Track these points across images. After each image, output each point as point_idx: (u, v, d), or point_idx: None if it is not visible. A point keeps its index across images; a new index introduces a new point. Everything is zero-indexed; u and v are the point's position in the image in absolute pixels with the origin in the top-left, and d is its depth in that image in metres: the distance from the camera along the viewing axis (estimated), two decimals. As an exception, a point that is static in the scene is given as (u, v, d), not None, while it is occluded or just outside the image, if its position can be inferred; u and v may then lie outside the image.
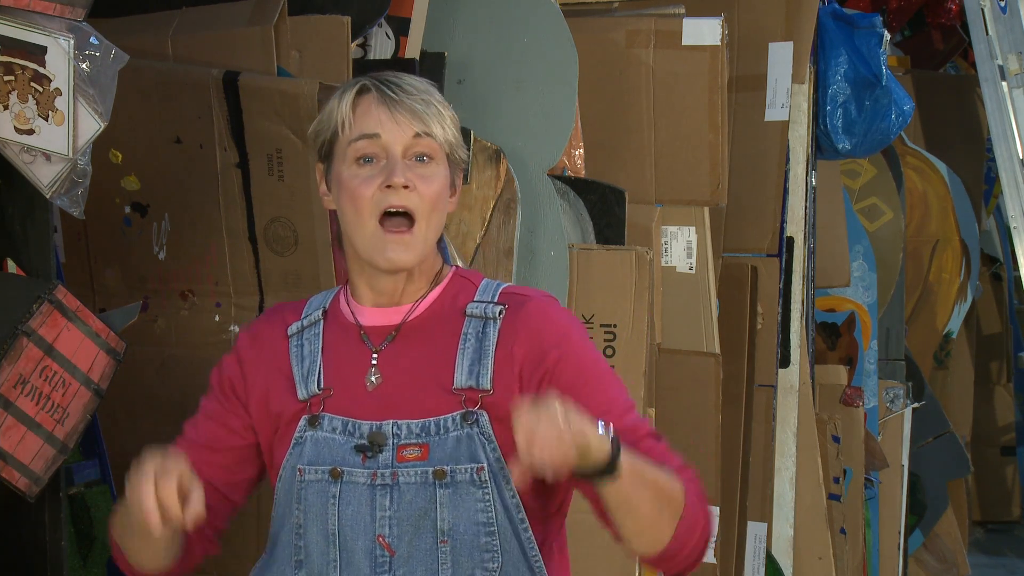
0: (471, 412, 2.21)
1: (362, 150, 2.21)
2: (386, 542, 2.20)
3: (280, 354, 2.29)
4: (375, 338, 2.26)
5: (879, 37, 4.90)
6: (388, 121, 2.21)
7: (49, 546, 2.86)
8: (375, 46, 3.65)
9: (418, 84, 2.25)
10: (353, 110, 2.23)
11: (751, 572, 4.68)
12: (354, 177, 2.21)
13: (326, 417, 2.23)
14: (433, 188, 2.21)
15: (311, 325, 2.29)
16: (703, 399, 4.31)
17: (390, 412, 2.22)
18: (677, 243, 4.35)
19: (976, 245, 6.96)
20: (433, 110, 2.22)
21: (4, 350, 2.65)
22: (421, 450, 2.20)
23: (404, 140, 2.21)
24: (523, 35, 3.77)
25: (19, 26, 2.60)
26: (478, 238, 3.61)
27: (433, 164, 2.22)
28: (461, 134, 2.29)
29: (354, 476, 2.20)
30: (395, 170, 2.19)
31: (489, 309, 2.24)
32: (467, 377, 2.22)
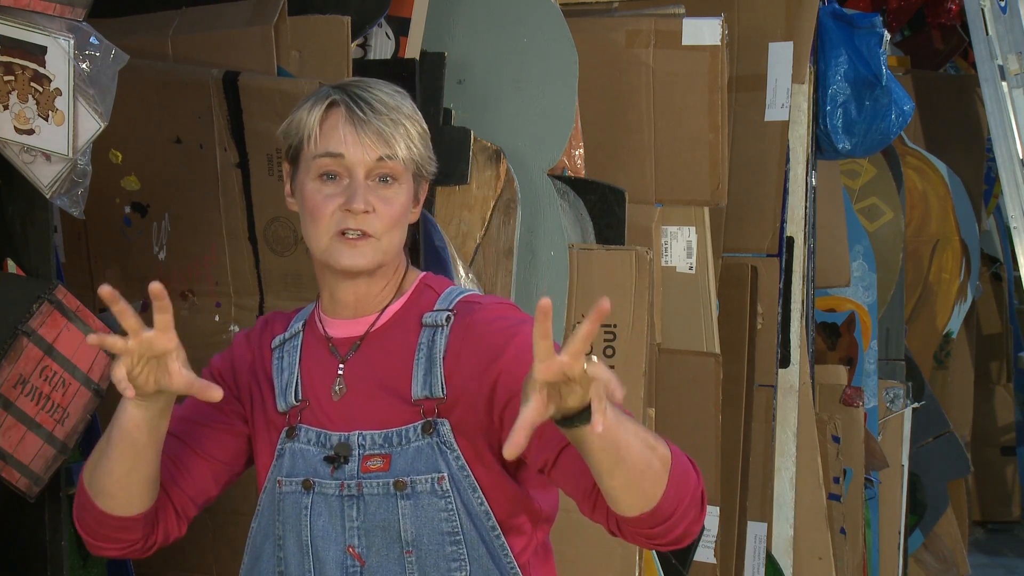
0: (431, 421, 2.20)
1: (325, 167, 2.21)
2: (356, 552, 2.21)
3: (266, 365, 2.32)
4: (342, 348, 2.27)
5: (879, 37, 4.89)
6: (353, 142, 2.20)
7: (49, 546, 2.86)
8: (375, 46, 3.64)
9: (387, 99, 2.22)
10: (320, 125, 2.22)
11: (751, 572, 4.67)
12: (316, 192, 2.21)
13: (302, 428, 2.25)
14: (392, 210, 2.21)
15: (291, 337, 2.31)
16: (703, 399, 4.31)
17: (355, 423, 2.23)
18: (677, 243, 4.35)
19: (976, 245, 6.96)
20: (401, 130, 2.20)
21: (4, 350, 2.65)
22: (384, 460, 2.20)
23: (368, 163, 2.20)
24: (523, 35, 3.77)
25: (19, 26, 2.59)
26: (478, 238, 3.61)
27: (395, 185, 2.22)
28: (430, 144, 2.27)
29: (324, 487, 2.22)
30: (355, 195, 2.18)
31: (439, 317, 2.23)
32: (422, 387, 2.21)
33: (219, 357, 2.37)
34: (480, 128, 3.66)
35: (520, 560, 2.24)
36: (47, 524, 2.86)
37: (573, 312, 3.74)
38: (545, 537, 2.31)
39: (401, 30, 3.64)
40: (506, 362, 2.15)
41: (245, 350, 2.35)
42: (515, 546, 2.24)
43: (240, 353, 2.35)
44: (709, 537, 4.33)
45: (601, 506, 2.14)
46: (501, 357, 2.16)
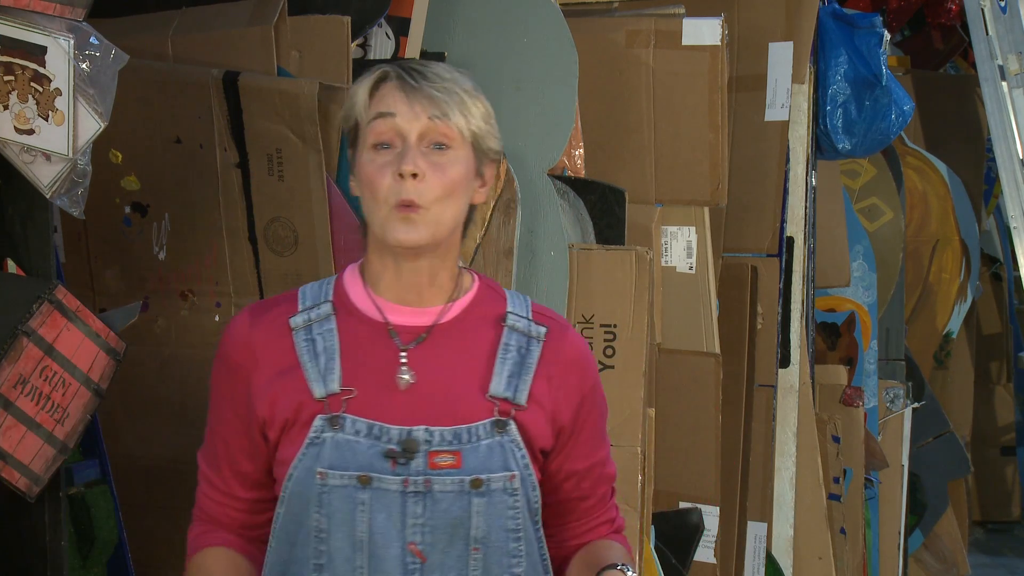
0: (502, 420, 2.21)
1: (378, 133, 2.19)
2: (418, 549, 2.18)
3: (284, 350, 2.23)
4: (404, 336, 2.23)
5: (879, 37, 4.89)
6: (403, 105, 2.17)
7: (49, 546, 2.86)
8: (375, 46, 3.64)
9: (443, 73, 2.20)
10: (370, 96, 2.20)
11: (751, 572, 4.67)
12: (370, 163, 2.19)
13: (348, 419, 2.18)
14: (447, 176, 2.18)
15: (322, 319, 2.23)
16: (703, 399, 4.31)
17: (420, 416, 2.19)
18: (677, 243, 4.35)
19: (976, 245, 6.96)
20: (455, 99, 2.18)
21: (4, 350, 2.65)
22: (454, 457, 2.19)
23: (419, 125, 2.17)
24: (523, 35, 3.76)
25: (19, 26, 2.59)
26: (478, 238, 3.61)
27: (450, 152, 2.19)
28: (493, 124, 2.24)
29: (384, 483, 2.17)
30: (406, 157, 2.16)
31: (533, 328, 2.26)
32: (504, 387, 2.23)
33: (234, 349, 2.27)
34: (480, 128, 3.65)
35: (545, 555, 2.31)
36: (47, 524, 2.86)
37: (573, 312, 3.74)
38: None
39: (401, 30, 3.64)
40: (587, 407, 2.32)
41: (261, 339, 2.25)
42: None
43: (248, 341, 2.25)
44: (709, 537, 4.33)
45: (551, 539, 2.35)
46: (586, 400, 2.31)
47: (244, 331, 2.26)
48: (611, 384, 3.70)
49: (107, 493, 3.17)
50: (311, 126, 3.26)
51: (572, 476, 2.32)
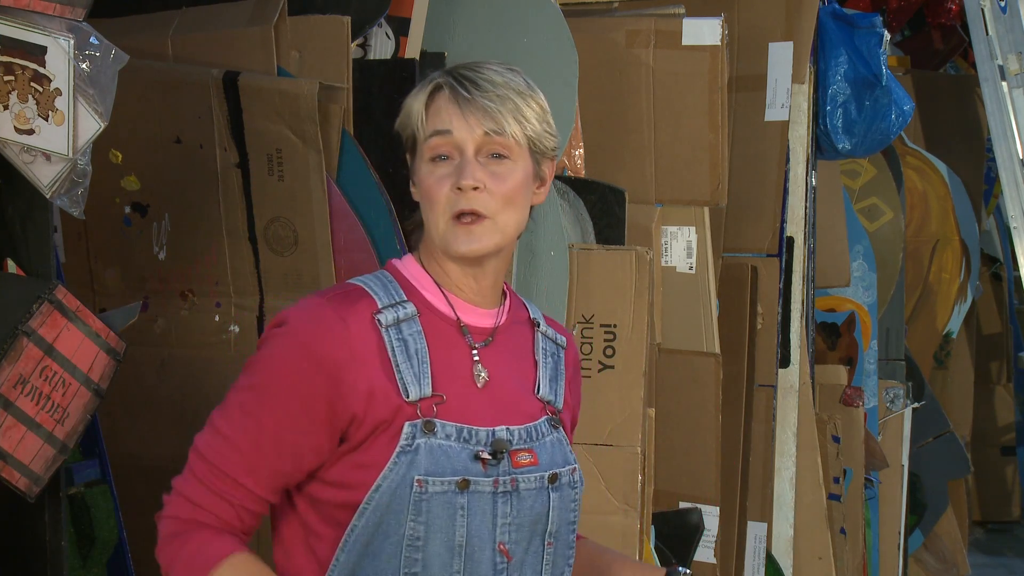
0: (555, 418, 2.27)
1: (436, 148, 2.18)
2: (506, 549, 2.18)
3: (378, 348, 2.16)
4: (475, 335, 2.23)
5: (879, 37, 4.89)
6: (459, 120, 2.17)
7: (49, 546, 2.86)
8: (375, 46, 3.64)
9: (496, 77, 2.19)
10: (426, 109, 2.20)
11: (751, 572, 4.67)
12: (429, 175, 2.19)
13: (438, 423, 2.15)
14: (506, 186, 2.18)
15: (409, 319, 2.19)
16: (703, 399, 4.31)
17: (496, 416, 2.20)
18: (677, 243, 4.35)
19: (976, 245, 6.97)
20: (509, 105, 2.17)
21: (4, 350, 2.65)
22: (531, 455, 2.21)
23: (475, 139, 2.17)
24: (523, 35, 3.76)
25: (19, 26, 2.59)
26: (478, 238, 3.61)
27: (508, 162, 2.18)
28: (549, 121, 2.24)
29: (480, 485, 2.16)
30: (464, 171, 2.16)
31: (558, 337, 2.34)
32: (548, 390, 2.29)
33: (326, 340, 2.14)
34: (480, 128, 3.65)
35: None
36: (47, 524, 2.86)
37: (573, 312, 3.74)
38: None
39: (401, 30, 3.64)
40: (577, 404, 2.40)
41: (356, 332, 2.15)
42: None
43: (355, 332, 2.15)
44: (709, 537, 4.33)
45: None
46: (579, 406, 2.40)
47: (338, 323, 2.15)
48: (611, 384, 3.70)
49: (107, 493, 3.17)
50: (311, 126, 3.26)
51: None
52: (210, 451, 2.16)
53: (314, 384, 2.12)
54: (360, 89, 3.40)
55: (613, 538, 3.66)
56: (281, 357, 2.14)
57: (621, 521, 3.67)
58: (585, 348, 3.74)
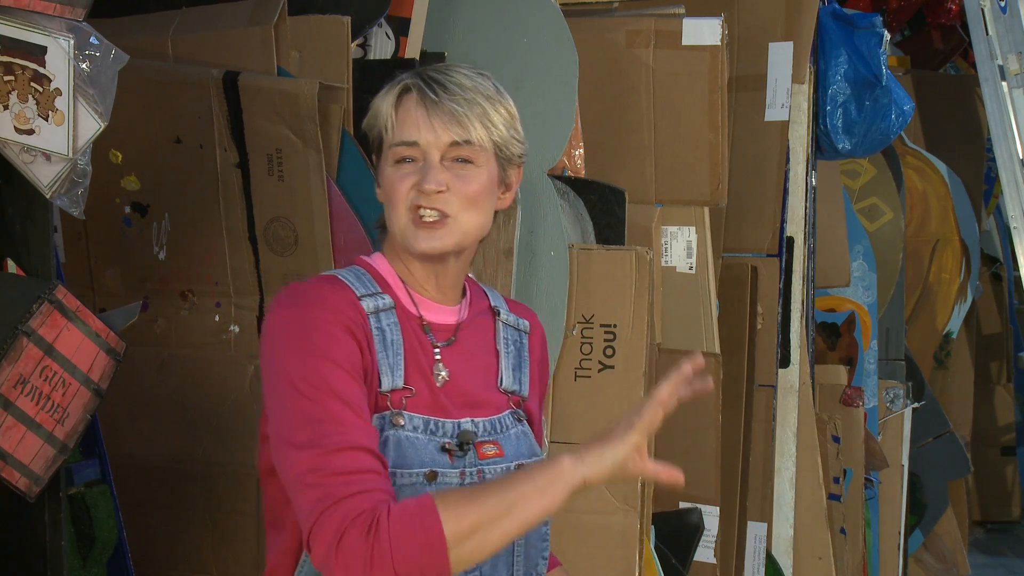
0: (517, 411, 2.29)
1: (401, 154, 2.20)
2: None
3: (365, 326, 2.16)
4: (437, 334, 2.25)
5: (879, 37, 4.89)
6: (425, 126, 2.18)
7: (49, 546, 2.86)
8: (375, 46, 3.64)
9: (465, 81, 2.20)
10: (395, 111, 2.20)
11: (751, 572, 4.67)
12: (393, 175, 2.20)
13: (406, 415, 2.17)
14: (470, 188, 2.19)
15: (387, 310, 2.21)
16: (703, 399, 4.30)
17: (460, 410, 2.22)
18: (677, 243, 4.35)
19: (976, 245, 6.96)
20: (477, 110, 2.18)
21: (4, 350, 2.65)
22: (496, 447, 2.23)
23: (441, 146, 2.18)
24: (523, 35, 3.76)
25: (19, 26, 2.59)
26: (478, 238, 3.61)
27: (472, 166, 2.20)
28: (517, 127, 2.24)
29: (447, 477, 2.17)
30: (428, 175, 2.17)
31: (520, 322, 2.34)
32: (511, 381, 2.30)
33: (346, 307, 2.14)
34: (480, 128, 3.65)
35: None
36: (47, 524, 2.86)
37: (573, 312, 3.74)
38: None
39: (401, 30, 3.64)
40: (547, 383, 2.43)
41: (349, 308, 2.15)
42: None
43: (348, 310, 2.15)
44: (709, 537, 4.33)
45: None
46: (546, 377, 2.43)
47: (333, 293, 2.15)
48: (611, 384, 3.70)
49: (107, 493, 3.17)
50: (311, 126, 3.26)
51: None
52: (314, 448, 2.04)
53: (347, 341, 2.10)
54: (360, 89, 3.40)
55: (613, 538, 3.66)
56: (309, 323, 2.10)
57: (621, 521, 3.67)
58: (585, 348, 3.74)
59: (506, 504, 2.00)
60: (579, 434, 3.70)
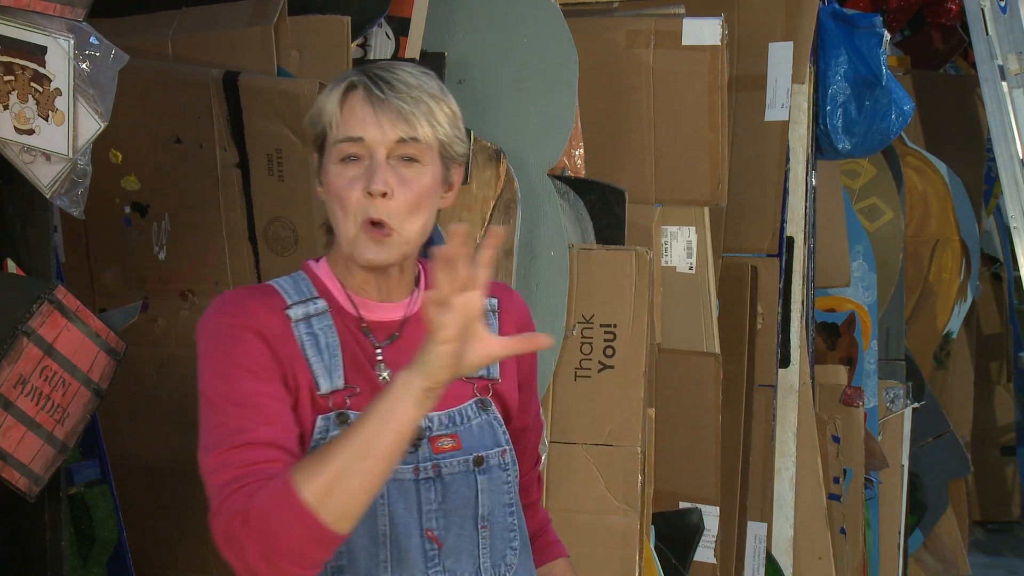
0: (484, 400, 2.27)
1: (346, 151, 2.20)
2: (434, 535, 2.20)
3: (284, 337, 2.18)
4: (378, 334, 2.25)
5: (879, 37, 4.89)
6: (372, 123, 2.18)
7: (49, 546, 2.86)
8: (375, 46, 3.64)
9: (410, 78, 2.20)
10: (340, 108, 2.20)
11: (751, 572, 4.67)
12: (339, 176, 2.20)
13: (352, 414, 2.18)
14: (413, 192, 2.18)
15: (320, 314, 2.22)
16: (703, 399, 4.31)
17: None
18: (677, 243, 4.35)
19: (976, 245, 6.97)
20: (423, 108, 2.19)
21: (4, 350, 2.65)
22: (454, 440, 2.22)
23: (387, 144, 2.18)
24: (523, 35, 3.77)
25: (19, 26, 2.59)
26: (478, 238, 3.61)
27: (418, 165, 2.20)
28: (460, 126, 2.26)
29: (399, 473, 2.18)
30: (375, 175, 2.17)
31: (487, 302, 2.27)
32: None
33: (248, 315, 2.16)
34: (480, 128, 3.66)
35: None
36: (47, 524, 2.86)
37: (573, 312, 3.74)
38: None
39: (401, 30, 3.64)
40: (533, 359, 2.40)
41: (266, 315, 2.18)
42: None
43: (265, 317, 2.17)
44: (709, 537, 4.33)
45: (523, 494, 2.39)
46: (534, 354, 2.38)
47: (253, 305, 2.18)
48: (611, 384, 3.70)
49: (107, 493, 3.17)
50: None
51: (524, 431, 2.39)
52: (215, 432, 2.11)
53: (255, 347, 2.13)
54: (360, 89, 3.40)
55: (613, 538, 3.66)
56: (216, 336, 2.14)
57: (621, 521, 3.67)
58: (585, 348, 3.74)
59: (357, 445, 1.97)
60: (579, 434, 3.70)
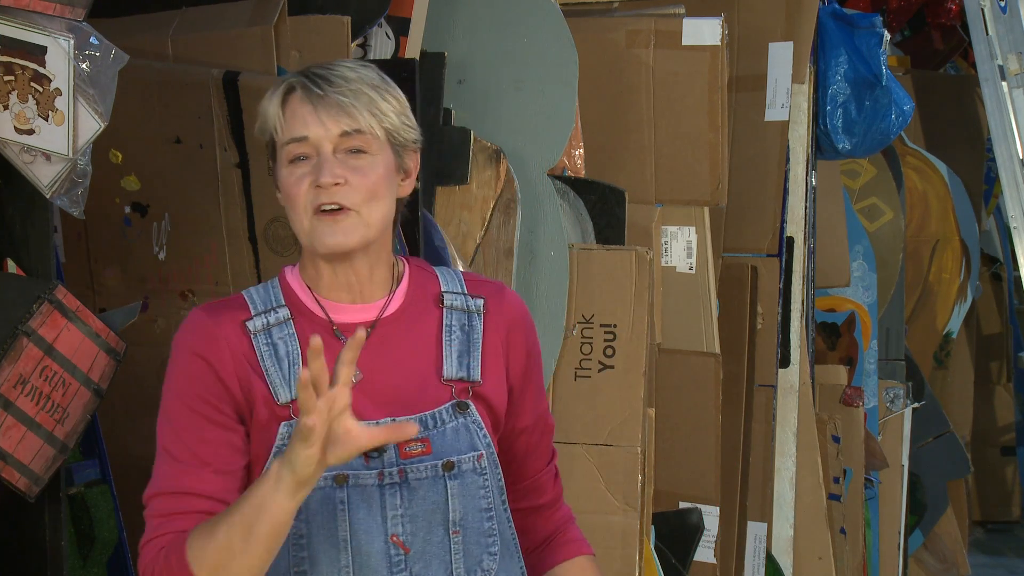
0: (462, 403, 2.23)
1: (294, 152, 2.19)
2: (400, 541, 2.18)
3: (245, 352, 2.20)
4: (350, 334, 2.22)
5: (879, 37, 4.90)
6: (313, 121, 2.17)
7: (49, 546, 2.86)
8: (375, 46, 3.64)
9: (349, 73, 2.18)
10: (282, 111, 2.19)
11: (751, 572, 4.67)
12: (289, 176, 2.19)
13: None
14: (367, 180, 2.17)
15: (280, 323, 2.21)
16: (703, 399, 4.31)
17: (384, 410, 2.19)
18: (677, 243, 4.35)
19: (976, 245, 6.97)
20: (364, 99, 2.17)
21: (4, 350, 2.65)
22: (424, 445, 2.19)
23: (331, 139, 2.17)
24: (523, 35, 3.77)
25: (19, 26, 2.59)
26: (478, 238, 3.61)
27: (367, 156, 2.18)
28: (408, 114, 2.23)
29: (360, 479, 2.17)
30: (323, 169, 2.16)
31: (471, 302, 2.27)
32: (457, 368, 2.24)
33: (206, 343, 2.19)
34: (480, 128, 3.66)
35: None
36: (47, 524, 2.86)
37: (573, 312, 3.74)
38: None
39: (401, 30, 3.64)
40: (532, 361, 2.33)
41: (223, 338, 2.20)
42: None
43: (221, 341, 2.20)
44: (709, 537, 4.33)
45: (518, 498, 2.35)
46: (531, 354, 2.32)
47: (206, 326, 2.20)
48: (611, 384, 3.70)
49: (107, 493, 3.17)
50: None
51: (523, 432, 2.34)
52: (162, 485, 2.18)
53: (205, 380, 2.17)
54: (360, 89, 3.40)
55: (613, 538, 3.66)
56: (172, 371, 2.20)
57: (621, 521, 3.67)
58: (585, 348, 3.74)
59: (239, 529, 2.04)
60: (579, 434, 3.70)
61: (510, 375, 2.29)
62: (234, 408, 2.19)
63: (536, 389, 2.36)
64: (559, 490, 2.45)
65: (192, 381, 2.19)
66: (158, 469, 2.18)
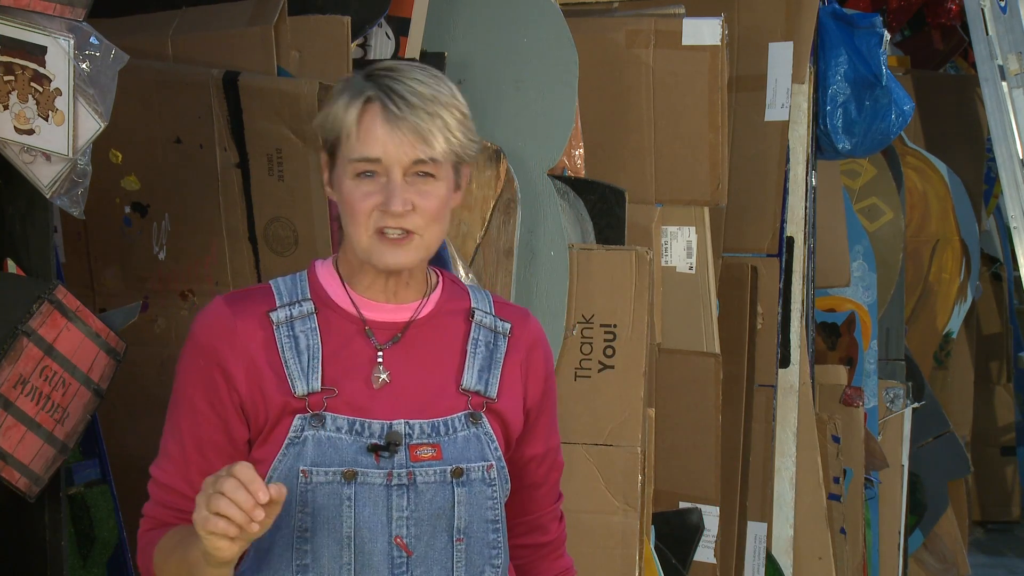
0: (475, 413, 2.24)
1: (362, 168, 2.19)
2: (403, 543, 2.19)
3: (266, 343, 2.21)
4: (380, 335, 2.24)
5: (879, 37, 4.90)
6: (390, 143, 2.17)
7: (49, 546, 2.86)
8: (375, 46, 3.64)
9: (423, 89, 2.18)
10: (358, 123, 2.19)
11: (751, 572, 4.67)
12: (354, 190, 2.19)
13: (328, 416, 2.19)
14: (432, 205, 2.19)
15: (304, 316, 2.23)
16: (703, 399, 4.31)
17: (399, 411, 2.21)
18: (677, 243, 4.35)
19: (976, 245, 6.97)
20: (438, 123, 2.17)
21: (4, 350, 2.65)
22: (434, 450, 2.21)
23: (404, 163, 2.17)
24: (523, 35, 3.77)
25: (19, 26, 2.59)
26: (478, 238, 3.61)
27: (433, 180, 2.19)
28: (470, 125, 2.24)
29: (369, 477, 2.18)
30: (393, 197, 2.17)
31: (499, 324, 2.30)
32: (476, 380, 2.26)
33: (214, 335, 2.22)
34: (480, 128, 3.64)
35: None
36: (47, 524, 2.86)
37: (573, 312, 3.74)
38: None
39: (401, 30, 3.64)
40: (549, 389, 2.37)
41: (244, 327, 2.22)
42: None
43: (238, 335, 2.22)
44: (709, 537, 4.33)
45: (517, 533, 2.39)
46: (549, 382, 2.37)
47: (225, 318, 2.22)
48: (611, 384, 3.70)
49: (107, 493, 3.17)
50: (311, 126, 3.26)
51: (532, 461, 2.37)
52: (155, 469, 2.27)
53: (211, 378, 2.21)
54: (360, 89, 3.39)
55: (613, 538, 3.67)
56: (184, 360, 2.25)
57: (621, 521, 3.67)
58: (585, 348, 3.74)
59: (185, 571, 2.14)
60: (579, 434, 3.70)
61: (528, 398, 2.32)
62: (237, 404, 2.21)
63: (550, 420, 2.39)
64: (563, 535, 2.46)
65: (198, 375, 2.23)
66: (163, 446, 2.26)
